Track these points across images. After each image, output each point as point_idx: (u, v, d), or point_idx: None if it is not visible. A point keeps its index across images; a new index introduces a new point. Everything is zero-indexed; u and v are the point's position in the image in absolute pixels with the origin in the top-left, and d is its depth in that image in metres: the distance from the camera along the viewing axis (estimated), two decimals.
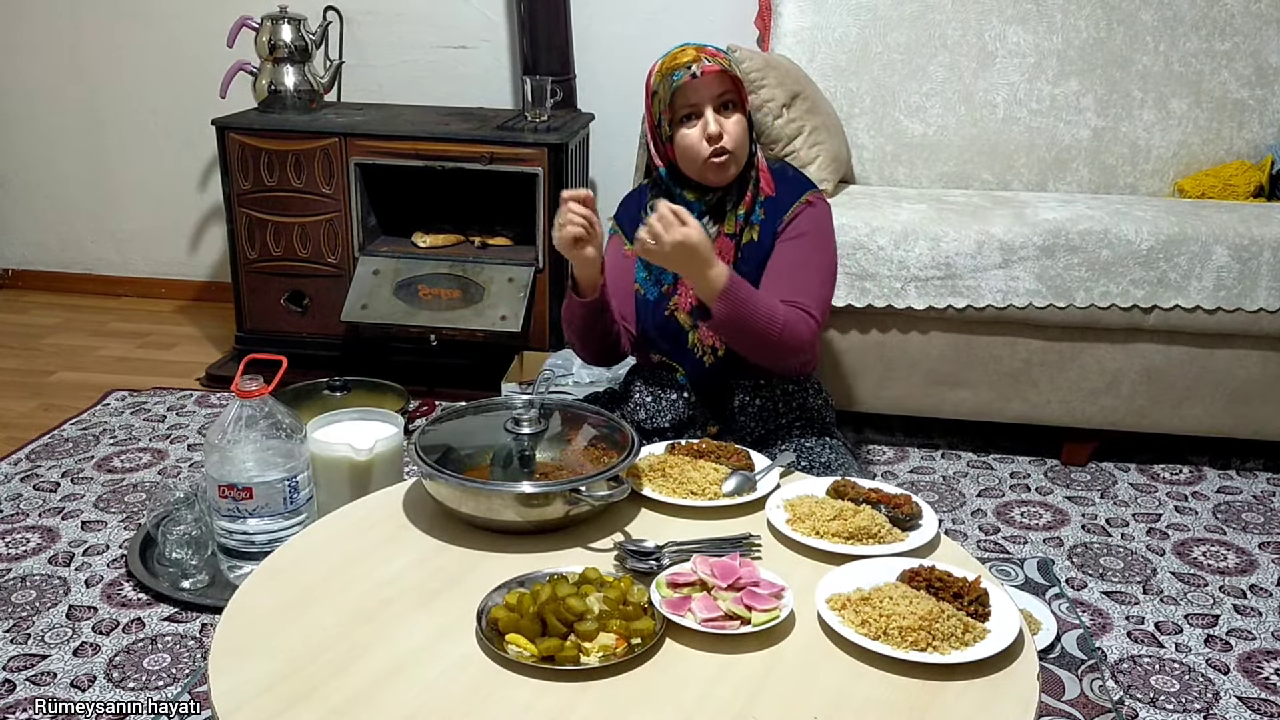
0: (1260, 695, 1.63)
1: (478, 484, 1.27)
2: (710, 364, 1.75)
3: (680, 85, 1.64)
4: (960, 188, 2.60)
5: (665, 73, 1.67)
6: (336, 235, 2.70)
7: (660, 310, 1.76)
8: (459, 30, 3.14)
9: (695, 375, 1.77)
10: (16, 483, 2.21)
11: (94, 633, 1.72)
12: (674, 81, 1.65)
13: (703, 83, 1.64)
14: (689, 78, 1.64)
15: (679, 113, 1.67)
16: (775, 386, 1.79)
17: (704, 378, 1.77)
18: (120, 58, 3.30)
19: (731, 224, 1.73)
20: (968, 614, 1.11)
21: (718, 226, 1.73)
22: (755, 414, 1.78)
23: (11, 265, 3.60)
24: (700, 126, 1.66)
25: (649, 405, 1.79)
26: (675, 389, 1.79)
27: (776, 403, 1.79)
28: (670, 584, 1.15)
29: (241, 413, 1.66)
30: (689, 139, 1.67)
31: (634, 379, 1.84)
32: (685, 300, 1.74)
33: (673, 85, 1.65)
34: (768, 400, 1.79)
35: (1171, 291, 2.17)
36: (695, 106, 1.66)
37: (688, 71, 1.64)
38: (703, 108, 1.66)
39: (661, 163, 1.74)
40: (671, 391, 1.79)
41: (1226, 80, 2.57)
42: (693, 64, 1.64)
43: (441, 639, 1.09)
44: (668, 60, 1.68)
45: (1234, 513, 2.19)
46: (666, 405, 1.79)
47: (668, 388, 1.80)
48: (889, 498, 1.35)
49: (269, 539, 1.69)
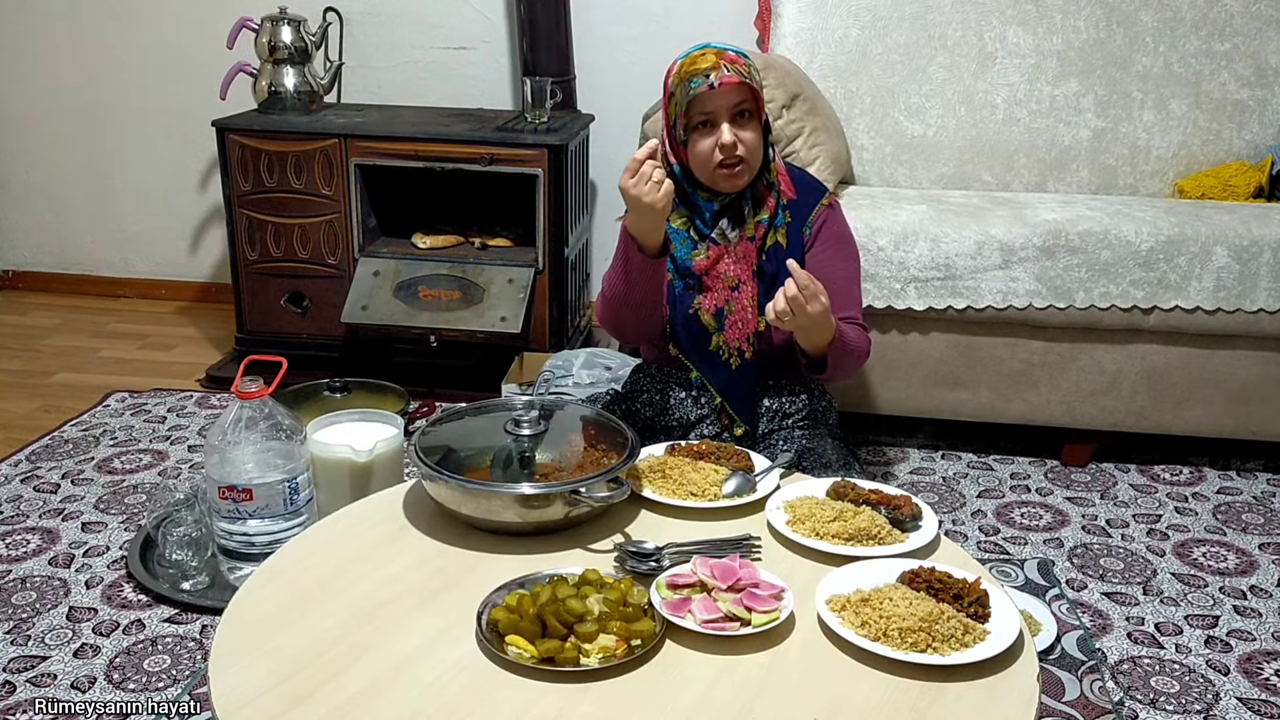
0: (1260, 696, 1.63)
1: (478, 485, 1.27)
2: (737, 366, 1.75)
3: (697, 94, 1.63)
4: (960, 188, 2.60)
5: (684, 78, 1.64)
6: (336, 236, 2.70)
7: (685, 305, 1.76)
8: (459, 31, 3.15)
9: (720, 379, 1.77)
10: (17, 484, 2.21)
11: (94, 634, 1.72)
12: (691, 89, 1.63)
13: (720, 93, 1.62)
14: (706, 88, 1.62)
15: (694, 119, 1.66)
16: (790, 389, 1.81)
17: (731, 381, 1.77)
18: (120, 59, 3.30)
19: (753, 229, 1.74)
20: (968, 615, 1.12)
21: (738, 230, 1.73)
22: (768, 416, 1.80)
23: (12, 266, 3.60)
24: (714, 137, 1.65)
25: (657, 403, 1.80)
26: (685, 388, 1.79)
27: (786, 405, 1.80)
28: (670, 585, 1.15)
29: (242, 414, 1.66)
30: (702, 147, 1.67)
31: (640, 376, 1.84)
32: (710, 302, 1.74)
33: (690, 93, 1.63)
34: (784, 404, 1.80)
35: (1171, 292, 2.17)
36: (711, 115, 1.65)
37: (705, 81, 1.62)
38: (719, 117, 1.65)
39: (676, 162, 1.74)
40: (680, 390, 1.80)
41: (1226, 81, 2.57)
42: (711, 72, 1.62)
43: (441, 640, 1.09)
44: (687, 63, 1.65)
45: (1234, 513, 2.19)
46: (675, 403, 1.79)
47: (677, 386, 1.80)
48: (889, 499, 1.35)
49: (269, 540, 1.69)
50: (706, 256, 1.74)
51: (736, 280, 1.74)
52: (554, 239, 2.65)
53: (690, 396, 1.79)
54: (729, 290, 1.74)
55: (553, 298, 2.67)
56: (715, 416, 1.79)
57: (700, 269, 1.74)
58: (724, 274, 1.74)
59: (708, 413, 1.79)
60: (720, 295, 1.74)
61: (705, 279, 1.74)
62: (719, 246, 1.74)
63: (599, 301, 1.75)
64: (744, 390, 1.77)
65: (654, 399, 1.80)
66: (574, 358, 2.36)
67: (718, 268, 1.74)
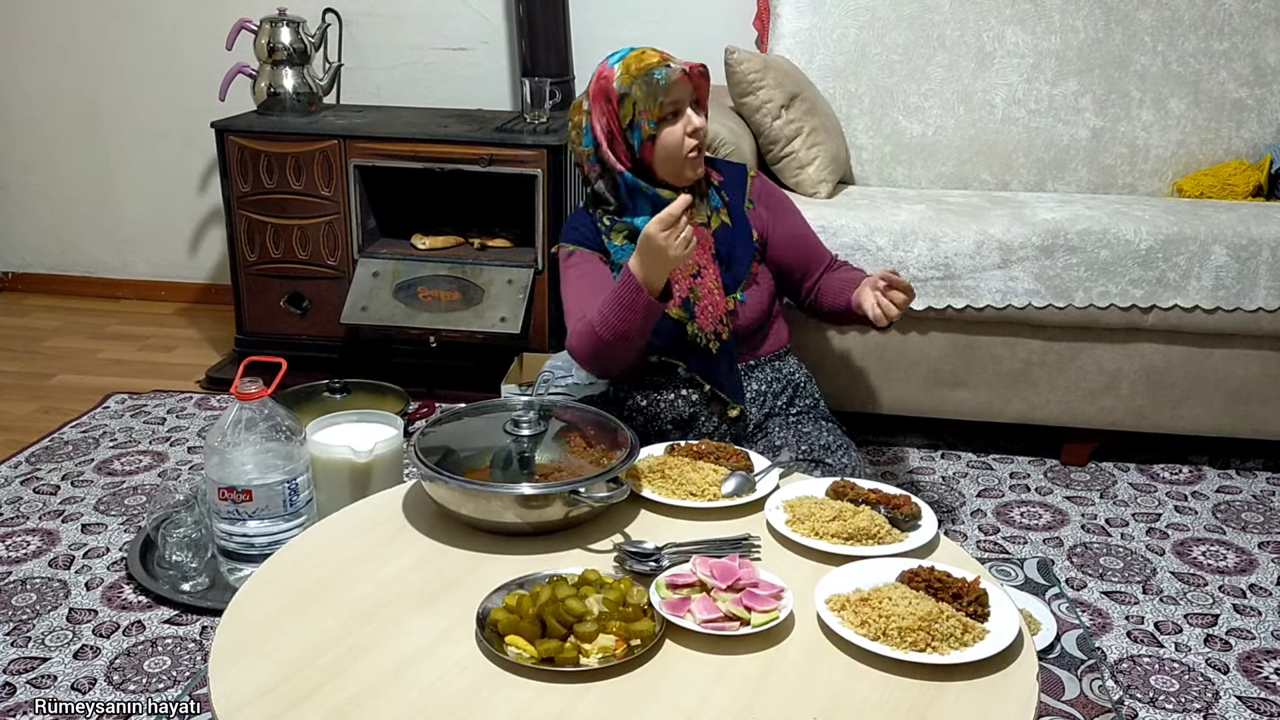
0: (1260, 695, 1.63)
1: (477, 486, 1.27)
2: (716, 349, 1.76)
3: (670, 83, 1.66)
4: (959, 188, 2.60)
5: (641, 72, 1.67)
6: (336, 237, 2.71)
7: None
8: (458, 32, 3.15)
9: (701, 365, 1.78)
10: (16, 486, 2.21)
11: (94, 635, 1.72)
12: (658, 80, 1.65)
13: (684, 79, 1.68)
14: (679, 74, 1.65)
15: (664, 110, 1.68)
16: (763, 366, 1.83)
17: (712, 365, 1.78)
18: (120, 61, 3.30)
19: (702, 216, 1.77)
20: (967, 614, 1.12)
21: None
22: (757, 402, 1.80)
23: (11, 268, 3.60)
24: (683, 124, 1.68)
25: (646, 410, 1.80)
26: (671, 388, 1.79)
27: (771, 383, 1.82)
28: (670, 585, 1.15)
29: (241, 415, 1.66)
30: (673, 136, 1.69)
31: (624, 386, 1.84)
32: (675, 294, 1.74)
33: (660, 83, 1.65)
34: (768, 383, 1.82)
35: (1170, 291, 2.17)
36: (677, 104, 1.69)
37: (673, 70, 1.65)
38: (683, 105, 1.69)
39: (624, 166, 1.73)
40: (669, 391, 1.80)
41: (1225, 80, 2.57)
42: (670, 63, 1.67)
43: (441, 641, 1.09)
44: (634, 61, 1.68)
45: (1233, 512, 2.19)
46: (665, 406, 1.79)
47: (663, 389, 1.80)
48: (888, 498, 1.35)
49: (269, 541, 1.69)
50: None
51: (697, 267, 1.76)
52: (553, 239, 2.65)
53: (678, 396, 1.79)
54: (691, 278, 1.75)
55: (552, 298, 2.67)
56: (707, 405, 1.79)
57: None
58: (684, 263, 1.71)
59: (698, 404, 1.79)
60: (684, 285, 1.74)
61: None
62: None
63: (584, 341, 1.64)
64: (728, 371, 1.79)
65: (641, 404, 1.80)
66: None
67: None
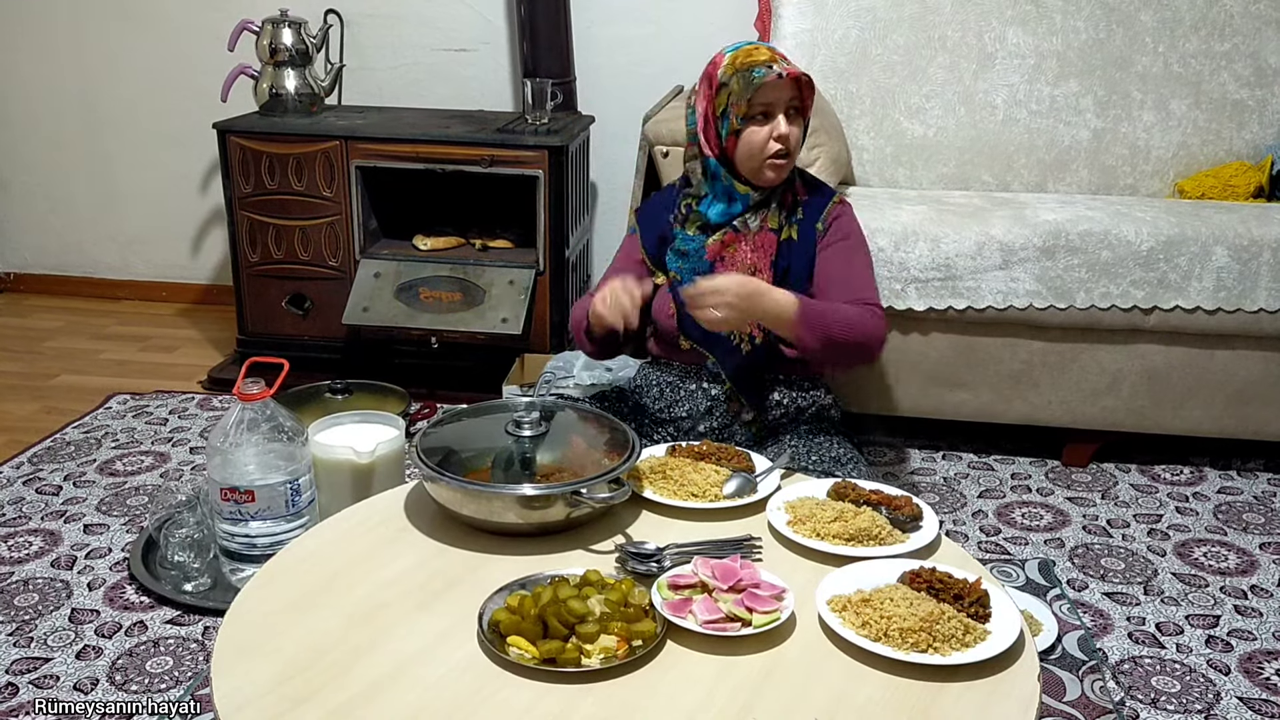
0: (1261, 696, 1.63)
1: (479, 486, 1.27)
2: (747, 351, 1.77)
3: (763, 83, 1.66)
4: (960, 189, 2.60)
5: (743, 67, 1.67)
6: (337, 238, 2.71)
7: None
8: (459, 33, 3.15)
9: (732, 363, 1.78)
10: (19, 486, 2.21)
11: (97, 636, 1.72)
12: (755, 78, 1.66)
13: (784, 84, 1.67)
14: (774, 77, 1.66)
15: (754, 109, 1.69)
16: (800, 384, 1.82)
17: (741, 365, 1.78)
18: (121, 61, 3.31)
19: (775, 220, 1.76)
20: (968, 615, 1.12)
21: (760, 219, 1.76)
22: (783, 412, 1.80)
23: (13, 269, 3.61)
24: (770, 127, 1.69)
25: (667, 395, 1.81)
26: (696, 381, 1.80)
27: (798, 399, 1.81)
28: (671, 586, 1.15)
29: (243, 416, 1.66)
30: (757, 136, 1.69)
31: (650, 370, 1.86)
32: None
33: (754, 82, 1.66)
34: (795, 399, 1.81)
35: (1172, 292, 2.17)
36: (770, 106, 1.69)
37: (771, 71, 1.65)
38: (776, 110, 1.69)
39: (713, 152, 1.76)
40: (691, 383, 1.81)
41: (1226, 81, 2.57)
42: (773, 63, 1.66)
43: (443, 641, 1.09)
44: (742, 54, 1.69)
45: (1235, 513, 2.19)
46: (685, 395, 1.80)
47: (688, 379, 1.81)
48: (890, 499, 1.35)
49: (271, 542, 1.69)
50: (720, 242, 1.76)
51: (753, 267, 1.75)
52: (555, 240, 2.65)
53: (700, 388, 1.80)
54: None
55: (553, 299, 2.68)
56: (725, 403, 1.79)
57: (713, 255, 1.76)
58: (741, 260, 1.76)
59: (717, 399, 1.79)
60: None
61: (718, 265, 1.76)
62: (736, 234, 1.76)
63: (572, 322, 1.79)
64: (753, 374, 1.79)
65: (664, 392, 1.82)
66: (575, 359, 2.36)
67: (735, 255, 1.76)
